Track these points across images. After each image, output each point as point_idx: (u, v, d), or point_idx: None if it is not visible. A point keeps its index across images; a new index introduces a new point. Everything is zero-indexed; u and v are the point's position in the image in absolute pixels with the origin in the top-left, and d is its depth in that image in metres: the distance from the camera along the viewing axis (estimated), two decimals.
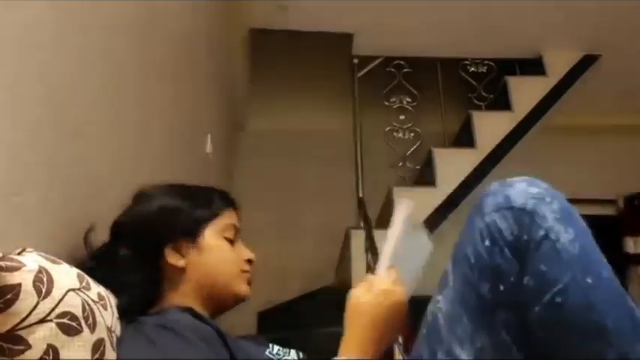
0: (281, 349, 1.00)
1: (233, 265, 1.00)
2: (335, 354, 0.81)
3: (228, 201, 1.06)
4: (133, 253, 0.97)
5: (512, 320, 0.72)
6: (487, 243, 0.73)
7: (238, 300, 1.00)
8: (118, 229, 1.02)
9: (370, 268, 2.45)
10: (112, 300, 0.84)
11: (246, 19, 3.53)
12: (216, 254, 0.99)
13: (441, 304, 0.76)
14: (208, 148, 2.75)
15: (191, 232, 0.99)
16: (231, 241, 1.02)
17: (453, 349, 0.72)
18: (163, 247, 0.97)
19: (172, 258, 0.97)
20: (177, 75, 2.03)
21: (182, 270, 0.97)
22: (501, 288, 0.72)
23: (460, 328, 0.72)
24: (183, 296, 0.95)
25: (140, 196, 1.04)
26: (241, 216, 1.09)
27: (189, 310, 0.88)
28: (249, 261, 1.04)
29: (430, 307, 0.78)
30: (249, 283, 1.02)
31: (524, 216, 0.72)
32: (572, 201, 0.77)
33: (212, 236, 1.00)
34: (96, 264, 0.96)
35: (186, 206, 1.01)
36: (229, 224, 1.02)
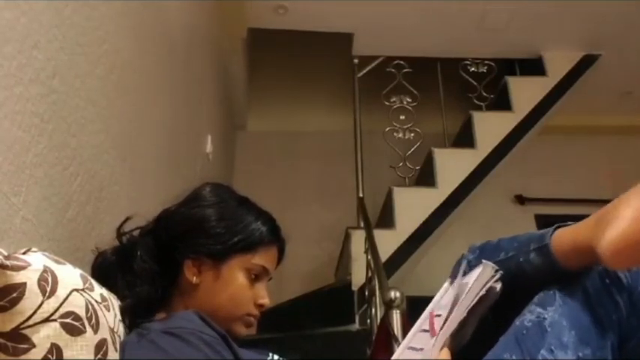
0: (280, 358, 0.99)
1: (241, 306, 0.97)
2: (335, 354, 0.81)
3: (274, 238, 1.03)
4: (155, 256, 0.97)
5: (616, 345, 0.85)
6: (607, 281, 0.87)
7: (232, 337, 0.96)
8: (158, 221, 1.02)
9: (370, 268, 2.45)
10: (114, 301, 0.85)
11: (245, 19, 3.53)
12: (229, 288, 0.96)
13: (546, 316, 0.85)
14: (208, 148, 2.75)
15: (217, 255, 0.97)
16: (255, 278, 0.99)
17: (555, 350, 0.81)
18: (186, 256, 0.97)
19: (189, 271, 0.96)
20: (176, 75, 2.03)
21: (194, 286, 0.96)
22: (614, 317, 0.85)
23: (566, 337, 0.82)
24: (188, 308, 0.94)
25: (193, 196, 1.03)
26: (283, 253, 1.06)
27: (197, 313, 0.86)
28: (261, 305, 1.00)
29: (527, 318, 0.87)
30: (249, 325, 0.99)
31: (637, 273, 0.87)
32: (571, 201, 0.79)
33: (235, 268, 0.97)
34: (115, 260, 0.97)
35: (226, 229, 0.98)
36: (259, 265, 0.99)
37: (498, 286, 0.84)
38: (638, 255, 0.73)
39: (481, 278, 0.83)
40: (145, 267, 0.95)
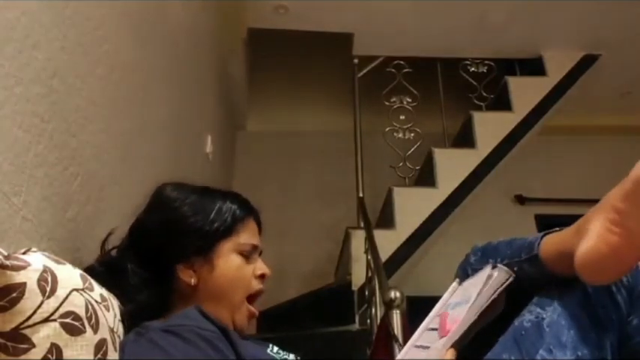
0: (280, 350, 1.00)
1: (243, 286, 0.98)
2: (335, 354, 0.81)
3: (247, 211, 1.03)
4: (144, 267, 0.96)
5: (616, 344, 0.85)
6: None
7: (235, 329, 0.97)
8: (133, 236, 1.01)
9: (370, 268, 2.45)
10: (114, 301, 0.84)
11: (245, 19, 3.53)
12: (228, 274, 0.97)
13: (544, 316, 0.85)
14: (208, 148, 2.75)
15: (204, 249, 0.97)
16: (247, 255, 1.00)
17: (553, 350, 0.81)
18: (176, 262, 0.97)
19: (185, 275, 0.96)
20: (176, 75, 2.03)
21: (194, 286, 0.96)
22: (613, 317, 0.85)
23: (565, 337, 0.82)
24: None
25: (158, 200, 1.03)
26: (261, 224, 1.07)
27: (197, 307, 0.87)
28: (263, 276, 1.01)
29: (525, 318, 0.87)
30: (251, 317, 1.00)
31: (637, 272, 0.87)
32: (572, 201, 0.79)
33: (226, 254, 0.98)
34: (105, 271, 0.96)
35: (203, 220, 0.98)
36: (246, 244, 1.00)
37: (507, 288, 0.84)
38: (607, 270, 0.76)
39: (495, 282, 0.83)
40: (139, 278, 0.95)
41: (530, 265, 0.88)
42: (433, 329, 0.87)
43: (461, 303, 0.85)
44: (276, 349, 0.99)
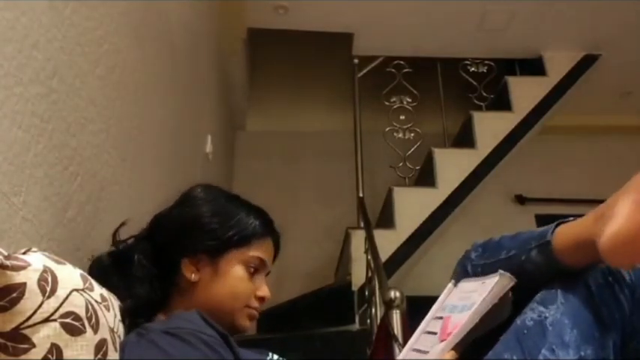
0: (280, 358, 0.99)
1: (241, 299, 0.98)
2: (335, 354, 0.81)
3: (267, 230, 1.03)
4: (152, 260, 0.97)
5: (619, 344, 0.84)
6: (610, 279, 0.86)
7: (236, 332, 0.98)
8: (151, 227, 1.03)
9: (370, 268, 2.45)
10: (114, 301, 0.85)
11: (245, 20, 3.53)
12: (229, 282, 0.97)
13: (547, 314, 0.85)
14: (208, 148, 2.75)
15: (214, 251, 0.97)
16: (254, 271, 1.00)
17: (556, 349, 0.80)
18: (183, 255, 0.97)
19: (187, 270, 0.97)
20: (176, 75, 2.03)
21: (193, 284, 0.97)
22: (617, 316, 0.85)
23: (568, 336, 0.81)
24: (188, 308, 0.94)
25: (185, 197, 1.04)
26: (279, 249, 1.07)
27: (199, 312, 0.87)
28: (262, 298, 1.01)
29: (528, 317, 0.86)
30: (252, 318, 1.00)
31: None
32: (572, 201, 0.79)
33: (233, 262, 0.98)
34: (112, 262, 0.97)
35: (219, 224, 0.99)
36: (256, 257, 1.00)
37: (510, 293, 0.85)
38: (636, 251, 0.74)
39: (496, 289, 0.83)
40: (144, 270, 0.96)
41: (539, 253, 0.87)
42: (431, 332, 0.87)
43: (462, 308, 0.85)
44: (275, 357, 0.99)
